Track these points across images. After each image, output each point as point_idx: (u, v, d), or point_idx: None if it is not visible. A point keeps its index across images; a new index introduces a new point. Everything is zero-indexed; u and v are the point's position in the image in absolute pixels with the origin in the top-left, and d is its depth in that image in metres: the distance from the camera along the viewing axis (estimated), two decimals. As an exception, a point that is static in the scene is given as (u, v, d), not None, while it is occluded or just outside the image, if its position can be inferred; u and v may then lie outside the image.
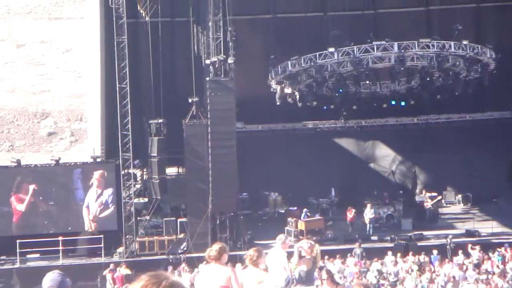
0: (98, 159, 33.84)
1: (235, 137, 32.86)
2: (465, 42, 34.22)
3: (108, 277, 30.10)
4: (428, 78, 35.66)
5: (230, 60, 32.51)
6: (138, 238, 32.59)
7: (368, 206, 35.23)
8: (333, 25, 38.34)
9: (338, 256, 30.14)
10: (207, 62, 32.94)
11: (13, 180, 33.07)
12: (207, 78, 32.55)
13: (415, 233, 33.83)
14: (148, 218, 34.64)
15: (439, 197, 38.03)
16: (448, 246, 31.79)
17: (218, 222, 32.58)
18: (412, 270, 28.28)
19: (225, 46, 32.76)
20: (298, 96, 36.78)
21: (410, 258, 30.17)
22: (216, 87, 32.27)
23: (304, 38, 39.35)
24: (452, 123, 41.74)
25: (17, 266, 31.47)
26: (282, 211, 38.18)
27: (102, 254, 31.74)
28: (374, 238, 34.03)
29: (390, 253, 30.68)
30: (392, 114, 40.85)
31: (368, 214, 34.96)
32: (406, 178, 41.46)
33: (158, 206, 35.05)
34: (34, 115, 61.85)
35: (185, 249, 32.26)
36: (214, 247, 9.75)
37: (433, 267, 29.13)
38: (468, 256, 30.58)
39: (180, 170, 39.90)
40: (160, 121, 34.06)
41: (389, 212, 36.18)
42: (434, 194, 37.57)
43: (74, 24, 66.63)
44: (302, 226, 33.90)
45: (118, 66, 32.10)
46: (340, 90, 35.98)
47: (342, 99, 37.28)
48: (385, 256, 30.40)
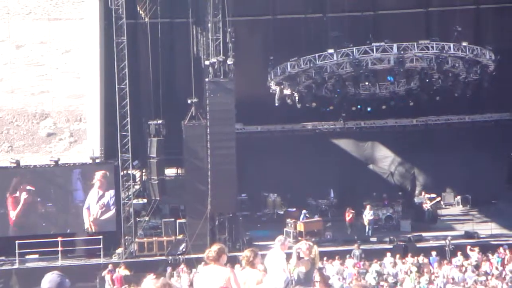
0: (97, 160, 33.82)
1: (234, 138, 32.85)
2: (464, 44, 34.25)
3: (107, 277, 30.11)
4: (427, 80, 35.62)
5: (230, 61, 32.51)
6: (137, 239, 32.57)
7: (367, 207, 35.24)
8: (332, 26, 38.31)
9: (337, 257, 30.15)
10: (207, 63, 32.91)
11: (11, 181, 33.02)
12: (207, 79, 32.55)
13: (414, 234, 33.87)
14: (147, 219, 34.65)
15: (438, 198, 38.03)
16: (447, 248, 31.80)
17: (217, 223, 32.58)
18: (411, 272, 28.29)
19: (224, 47, 32.74)
20: (297, 97, 36.75)
21: (409, 259, 30.18)
22: (215, 88, 32.26)
23: (303, 39, 39.29)
24: (451, 125, 41.72)
25: (16, 266, 31.48)
26: (281, 212, 38.16)
27: (101, 255, 31.72)
28: (373, 239, 34.03)
29: (389, 254, 30.68)
30: (391, 116, 40.83)
31: (367, 215, 34.96)
32: (405, 179, 41.41)
33: (157, 207, 35.04)
34: (34, 116, 61.76)
35: (184, 250, 32.25)
36: (213, 248, 9.74)
37: (432, 268, 29.14)
38: (467, 257, 30.58)
39: (179, 171, 39.89)
40: (159, 122, 34.04)
41: (388, 213, 36.17)
42: (433, 195, 37.56)
43: (73, 25, 66.47)
44: (301, 227, 33.90)
45: (118, 67, 32.09)
46: (338, 90, 35.95)
47: (341, 100, 37.27)
48: (384, 257, 30.40)
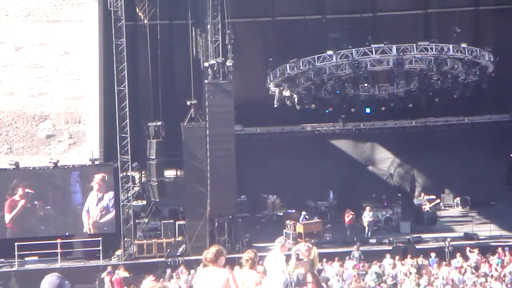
0: (97, 162, 33.82)
1: (234, 139, 32.86)
2: (463, 45, 34.24)
3: (106, 279, 30.07)
4: (426, 81, 35.65)
5: (229, 62, 32.53)
6: (136, 241, 32.56)
7: (366, 209, 35.24)
8: (331, 28, 38.31)
9: (336, 258, 30.11)
10: (206, 64, 32.91)
11: (9, 183, 33.00)
12: (206, 81, 32.55)
13: (414, 236, 33.87)
14: (146, 220, 34.64)
15: (438, 200, 38.05)
16: (446, 249, 31.80)
17: (216, 224, 32.57)
18: (410, 273, 28.27)
19: (223, 49, 32.76)
20: (296, 98, 36.75)
21: (409, 261, 30.16)
22: (214, 90, 32.27)
23: (302, 41, 39.24)
24: (450, 126, 41.74)
25: (15, 268, 31.47)
26: (281, 214, 38.18)
27: (101, 257, 31.72)
28: (373, 241, 34.02)
29: (388, 256, 30.65)
30: (390, 117, 40.84)
31: (366, 216, 34.95)
32: (405, 181, 41.41)
33: (156, 208, 35.04)
34: (33, 118, 61.77)
35: (183, 251, 32.24)
36: (211, 250, 9.71)
37: (431, 270, 29.13)
38: (466, 259, 30.58)
39: (178, 173, 39.91)
40: (158, 123, 34.02)
41: (387, 215, 36.18)
42: (432, 197, 37.55)
43: (72, 26, 66.54)
44: (300, 228, 33.89)
45: (117, 68, 32.09)
46: (337, 92, 35.95)
47: (341, 102, 37.27)
48: (383, 258, 30.37)
